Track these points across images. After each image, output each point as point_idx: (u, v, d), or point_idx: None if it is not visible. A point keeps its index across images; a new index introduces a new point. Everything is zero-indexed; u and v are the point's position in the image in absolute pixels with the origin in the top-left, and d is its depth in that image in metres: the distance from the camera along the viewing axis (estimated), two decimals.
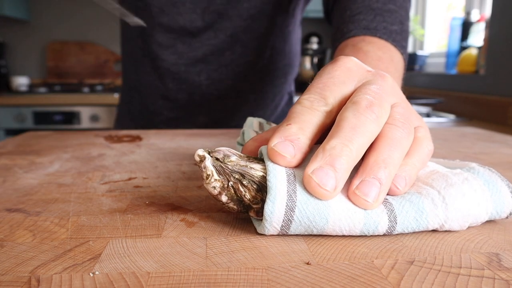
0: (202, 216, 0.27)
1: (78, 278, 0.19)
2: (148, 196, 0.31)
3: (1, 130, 2.29)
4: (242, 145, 0.37)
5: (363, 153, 0.24)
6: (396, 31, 0.48)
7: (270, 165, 0.24)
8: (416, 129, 0.28)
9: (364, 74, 0.29)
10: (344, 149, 0.23)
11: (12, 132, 2.25)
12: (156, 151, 0.48)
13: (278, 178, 0.23)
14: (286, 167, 0.24)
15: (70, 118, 2.28)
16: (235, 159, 0.25)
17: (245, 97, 0.74)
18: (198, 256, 0.21)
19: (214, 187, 0.24)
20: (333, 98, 0.26)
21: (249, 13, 0.66)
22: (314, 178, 0.22)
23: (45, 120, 2.27)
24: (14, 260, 0.21)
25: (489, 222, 0.26)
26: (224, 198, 0.24)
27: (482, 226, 0.26)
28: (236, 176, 0.24)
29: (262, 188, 0.24)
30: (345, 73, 0.28)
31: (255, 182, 0.24)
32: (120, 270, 0.20)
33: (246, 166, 0.25)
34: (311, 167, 0.23)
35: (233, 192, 0.24)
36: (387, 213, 0.23)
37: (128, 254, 0.21)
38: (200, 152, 0.24)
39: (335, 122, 0.25)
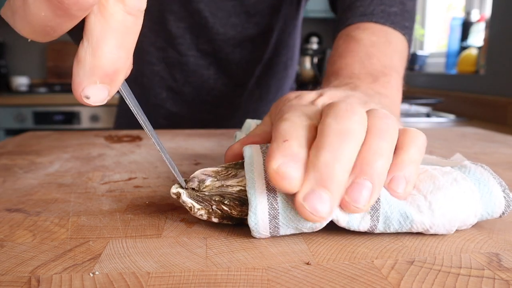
0: None
1: (78, 278, 0.19)
2: (148, 196, 0.31)
3: (1, 130, 2.29)
4: None
5: (355, 158, 0.22)
6: (395, 12, 0.47)
7: (248, 174, 0.24)
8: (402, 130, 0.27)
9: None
10: (336, 165, 0.21)
11: (12, 132, 2.25)
12: (156, 151, 0.48)
13: (257, 188, 0.23)
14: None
15: (70, 118, 2.28)
16: (210, 182, 0.25)
17: (251, 92, 0.74)
18: (198, 256, 0.21)
19: (201, 215, 0.24)
20: (311, 112, 0.26)
21: (256, 8, 0.65)
22: (307, 207, 0.20)
23: (45, 120, 2.27)
24: (14, 260, 0.21)
25: (488, 222, 0.26)
26: (215, 220, 0.25)
27: (482, 226, 0.26)
28: (216, 199, 0.24)
29: (244, 201, 0.24)
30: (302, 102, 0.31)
31: (235, 198, 0.24)
32: (120, 270, 0.20)
33: (222, 185, 0.25)
34: (303, 191, 0.21)
35: (220, 212, 0.24)
36: (370, 213, 0.23)
37: (128, 254, 0.21)
38: (174, 189, 0.25)
39: (319, 131, 0.23)
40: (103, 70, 0.19)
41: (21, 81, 2.51)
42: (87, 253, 0.21)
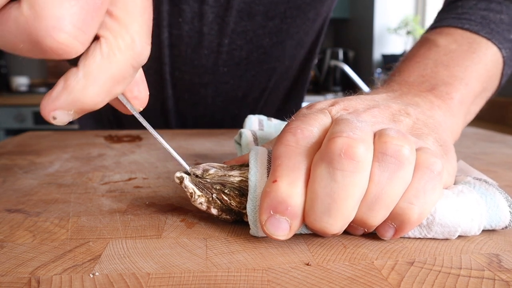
0: (202, 217, 0.27)
1: (78, 279, 0.19)
2: (148, 196, 0.31)
3: (1, 130, 2.29)
4: (239, 143, 0.37)
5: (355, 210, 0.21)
6: (501, 20, 0.38)
7: (252, 163, 0.24)
8: (418, 150, 0.22)
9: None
10: (332, 230, 0.21)
11: (12, 132, 2.25)
12: (156, 151, 0.48)
13: (258, 177, 0.23)
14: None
15: None
16: (213, 171, 0.25)
17: (254, 104, 0.67)
18: (198, 257, 0.21)
19: (201, 203, 0.25)
20: (315, 126, 0.23)
21: (279, 9, 0.54)
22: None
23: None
24: (14, 261, 0.21)
25: None
26: (214, 211, 0.25)
27: None
28: (217, 187, 0.24)
29: (244, 192, 0.24)
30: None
31: (235, 188, 0.24)
32: (120, 271, 0.20)
33: (225, 175, 0.25)
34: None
35: (219, 203, 0.24)
36: None
37: (128, 255, 0.21)
38: (178, 174, 0.25)
39: (310, 180, 0.21)
40: (83, 107, 0.19)
41: (21, 81, 2.51)
42: (87, 253, 0.21)
